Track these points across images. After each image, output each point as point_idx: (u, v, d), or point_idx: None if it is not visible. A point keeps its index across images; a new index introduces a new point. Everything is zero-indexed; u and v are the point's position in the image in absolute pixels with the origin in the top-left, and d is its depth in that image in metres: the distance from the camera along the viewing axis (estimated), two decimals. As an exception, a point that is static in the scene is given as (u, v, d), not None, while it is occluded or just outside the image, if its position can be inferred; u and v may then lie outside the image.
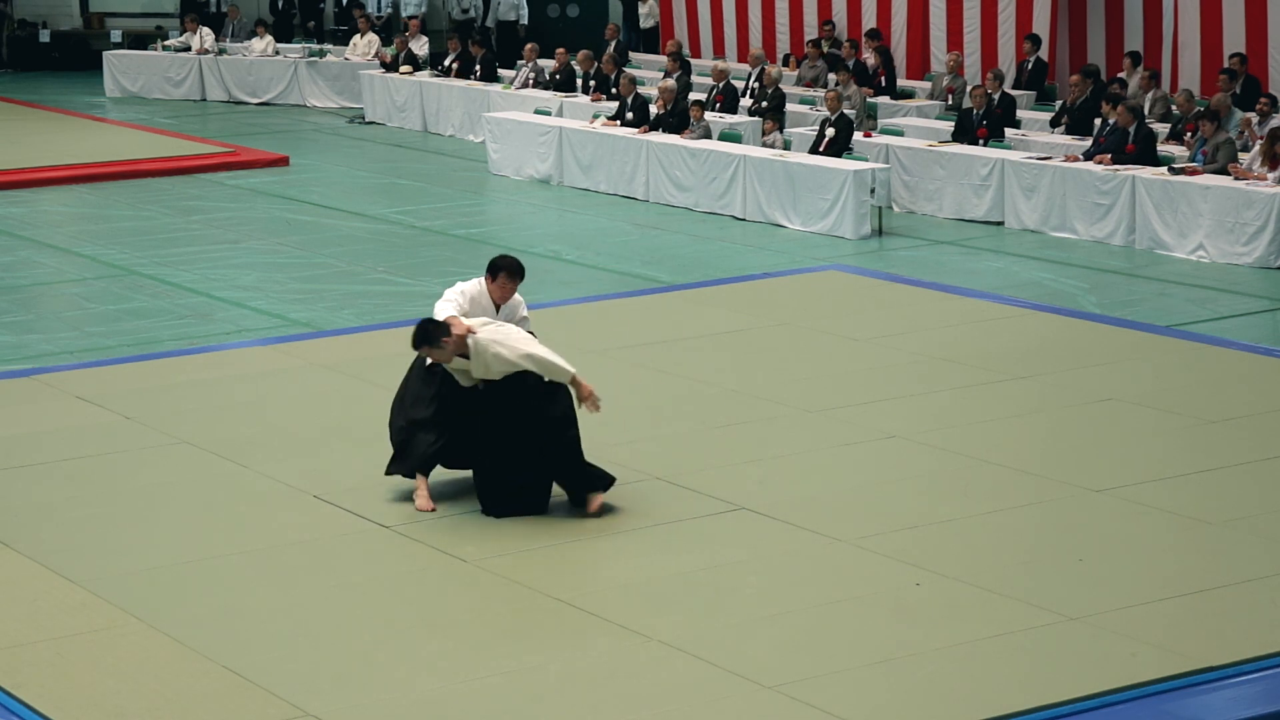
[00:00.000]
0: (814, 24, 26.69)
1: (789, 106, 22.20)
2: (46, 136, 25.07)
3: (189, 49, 29.60)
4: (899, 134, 20.70)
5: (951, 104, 22.73)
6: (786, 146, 20.49)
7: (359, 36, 29.11)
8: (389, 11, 32.73)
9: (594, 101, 23.31)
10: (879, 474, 10.50)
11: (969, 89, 21.12)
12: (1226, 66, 20.78)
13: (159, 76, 29.62)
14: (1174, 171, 17.50)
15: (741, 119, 21.65)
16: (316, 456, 10.81)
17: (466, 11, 32.37)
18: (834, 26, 26.19)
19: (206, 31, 29.73)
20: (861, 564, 9.08)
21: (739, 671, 7.83)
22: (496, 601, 8.68)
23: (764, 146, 20.48)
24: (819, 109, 21.79)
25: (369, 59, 28.36)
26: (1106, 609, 8.44)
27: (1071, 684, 7.68)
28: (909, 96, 23.81)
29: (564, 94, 24.24)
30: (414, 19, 29.43)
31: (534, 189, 21.45)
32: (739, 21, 27.99)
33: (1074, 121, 20.23)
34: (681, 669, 7.89)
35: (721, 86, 22.65)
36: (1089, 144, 18.88)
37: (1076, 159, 18.48)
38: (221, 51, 29.52)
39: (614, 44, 27.31)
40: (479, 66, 26.04)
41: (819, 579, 8.90)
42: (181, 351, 13.55)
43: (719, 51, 28.13)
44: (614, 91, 22.65)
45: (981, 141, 19.85)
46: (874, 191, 18.42)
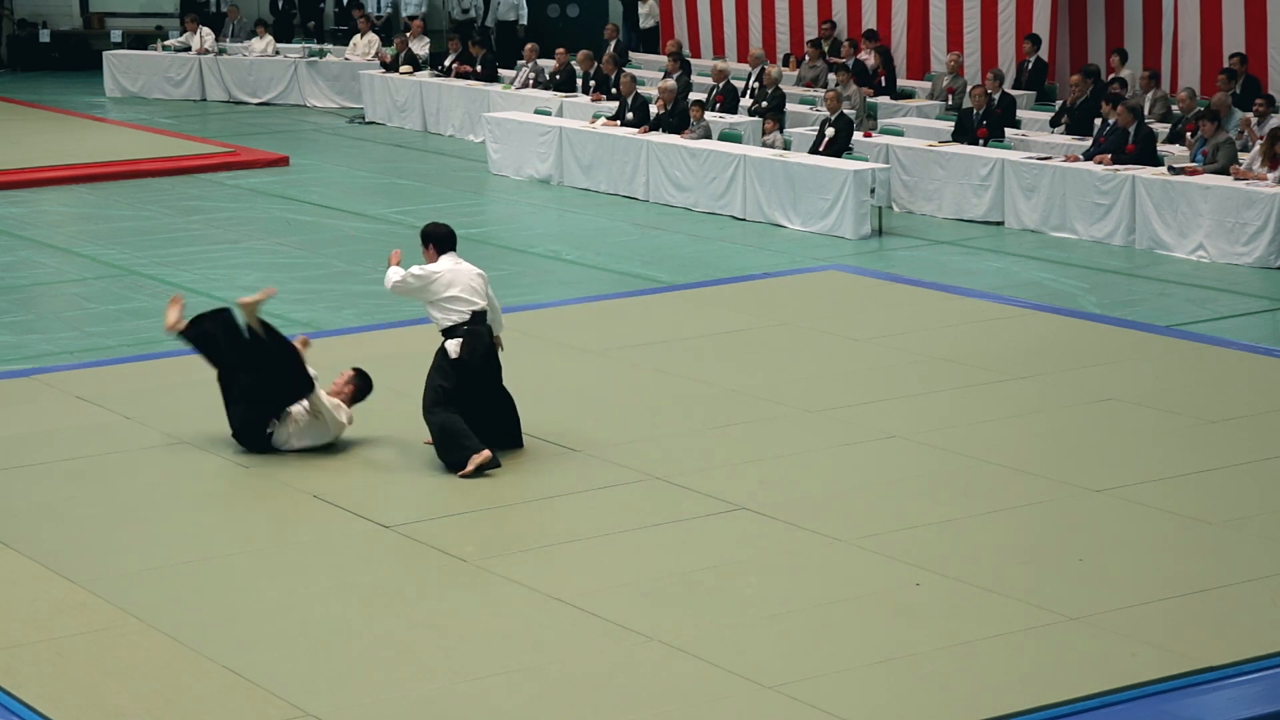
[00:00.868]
0: (814, 24, 26.68)
1: (789, 106, 22.18)
2: (46, 136, 25.04)
3: (189, 49, 29.58)
4: (899, 134, 20.69)
5: (951, 104, 22.72)
6: (786, 146, 20.48)
7: (359, 36, 29.10)
8: (389, 11, 32.73)
9: (594, 101, 23.29)
10: (879, 474, 10.50)
11: (969, 89, 21.11)
12: (1226, 66, 20.76)
13: (159, 76, 29.60)
14: (1174, 171, 17.50)
15: (741, 119, 21.63)
16: (316, 456, 10.81)
17: (467, 11, 32.36)
18: (834, 26, 26.19)
19: (206, 31, 29.71)
20: (861, 564, 9.08)
21: (739, 671, 7.82)
22: (496, 601, 8.68)
23: (764, 146, 20.47)
24: (819, 109, 21.78)
25: (369, 59, 28.35)
26: (1106, 609, 8.44)
27: (1071, 684, 7.69)
28: (909, 96, 23.80)
29: (564, 94, 24.23)
30: (416, 19, 29.42)
31: (534, 189, 21.44)
32: (739, 21, 27.97)
33: (1074, 121, 20.22)
34: (681, 669, 7.88)
35: (721, 86, 22.63)
36: (1089, 144, 18.87)
37: (1076, 159, 18.47)
38: (221, 51, 29.50)
39: (614, 44, 27.28)
40: (479, 66, 26.04)
41: (819, 579, 8.90)
42: (181, 351, 13.47)
43: (719, 51, 28.11)
44: (614, 91, 22.64)
45: (981, 141, 19.84)
46: (874, 191, 18.41)
